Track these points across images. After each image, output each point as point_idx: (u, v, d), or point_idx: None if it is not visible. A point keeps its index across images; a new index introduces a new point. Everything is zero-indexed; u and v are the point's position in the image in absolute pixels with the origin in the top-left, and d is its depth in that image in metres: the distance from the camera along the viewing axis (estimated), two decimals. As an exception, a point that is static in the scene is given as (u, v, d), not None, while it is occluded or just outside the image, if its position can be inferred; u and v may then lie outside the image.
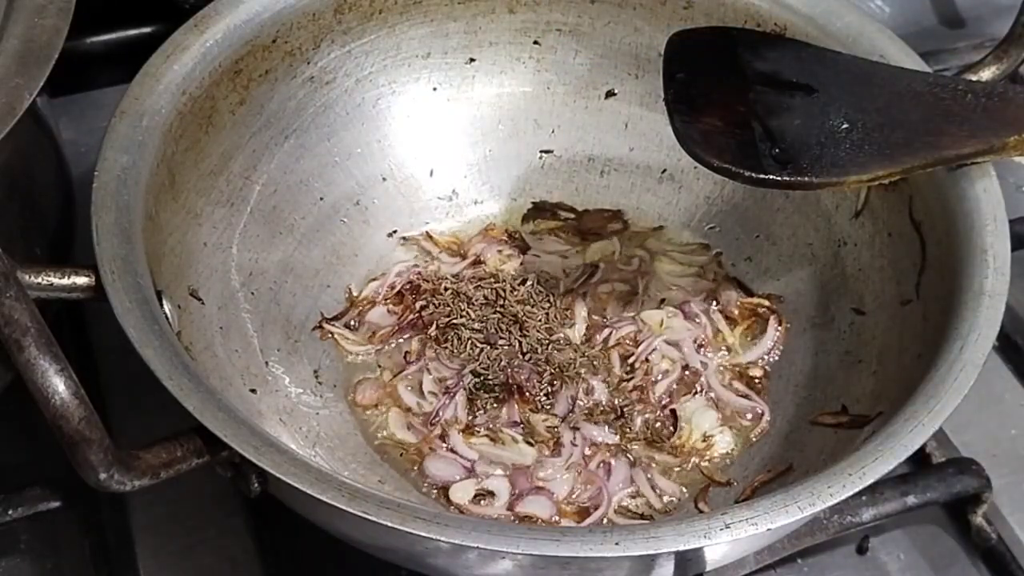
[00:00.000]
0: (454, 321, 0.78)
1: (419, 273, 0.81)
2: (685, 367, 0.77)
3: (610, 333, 0.79)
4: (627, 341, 0.78)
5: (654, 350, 0.78)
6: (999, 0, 1.03)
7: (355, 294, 0.80)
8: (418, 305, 0.79)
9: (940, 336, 0.64)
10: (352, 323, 0.79)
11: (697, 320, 0.80)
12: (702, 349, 0.79)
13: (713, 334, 0.79)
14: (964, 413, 0.61)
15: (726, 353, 0.79)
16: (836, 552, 0.74)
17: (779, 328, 0.79)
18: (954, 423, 0.71)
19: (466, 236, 0.84)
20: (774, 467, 0.71)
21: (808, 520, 0.64)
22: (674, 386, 0.77)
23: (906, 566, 0.74)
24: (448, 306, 0.79)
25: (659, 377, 0.77)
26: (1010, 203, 0.69)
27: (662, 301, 0.81)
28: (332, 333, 0.78)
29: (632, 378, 0.77)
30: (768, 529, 0.55)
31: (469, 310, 0.78)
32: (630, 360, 0.77)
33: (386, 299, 0.80)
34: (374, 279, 0.81)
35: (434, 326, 0.78)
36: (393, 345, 0.78)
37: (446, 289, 0.80)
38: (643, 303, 0.81)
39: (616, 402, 0.75)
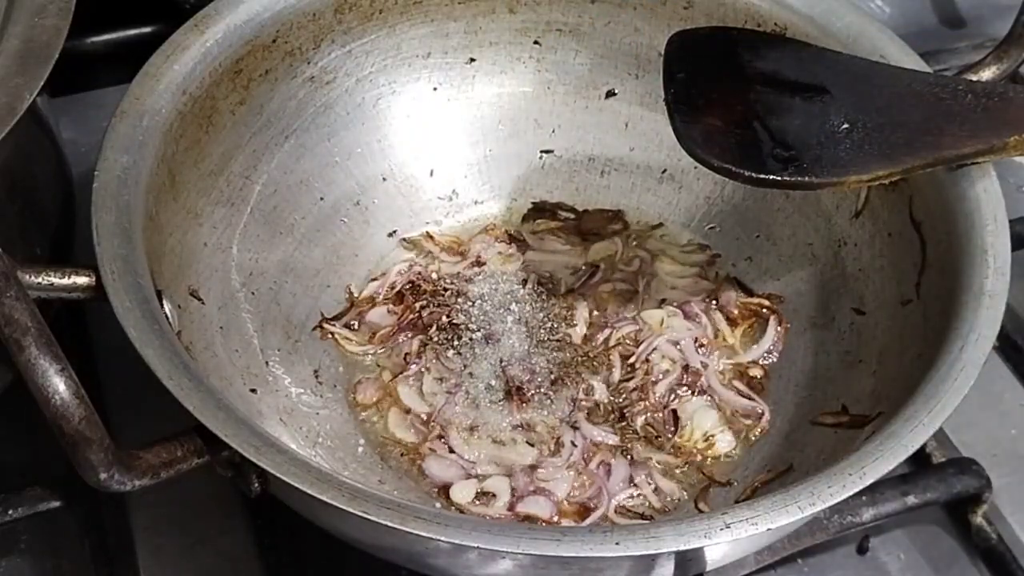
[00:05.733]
0: (454, 321, 0.78)
1: (419, 273, 0.81)
2: (685, 367, 0.77)
3: (611, 333, 0.79)
4: (627, 341, 0.79)
5: (654, 350, 0.78)
6: (999, 0, 1.03)
7: (355, 294, 0.80)
8: (418, 305, 0.79)
9: (940, 336, 0.64)
10: (352, 323, 0.79)
11: (697, 320, 0.80)
12: (702, 349, 0.79)
13: (713, 334, 0.79)
14: (964, 413, 0.61)
15: (726, 353, 0.79)
16: (836, 552, 0.74)
17: (779, 328, 0.79)
18: (954, 423, 0.71)
19: (466, 236, 0.84)
20: (774, 467, 0.71)
21: (808, 520, 0.64)
22: (674, 386, 0.77)
23: (906, 566, 0.74)
24: (448, 306, 0.79)
25: (659, 377, 0.77)
26: (1010, 203, 0.69)
27: (662, 301, 0.81)
28: (332, 333, 0.78)
29: (632, 378, 0.77)
30: (768, 529, 0.55)
31: (469, 310, 0.79)
32: (630, 360, 0.77)
33: (386, 299, 0.80)
34: (374, 279, 0.81)
35: (434, 326, 0.78)
36: (393, 345, 0.78)
37: (446, 289, 0.80)
38: (643, 303, 0.81)
39: (616, 402, 0.76)
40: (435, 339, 0.77)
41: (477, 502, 0.71)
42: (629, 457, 0.73)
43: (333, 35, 0.80)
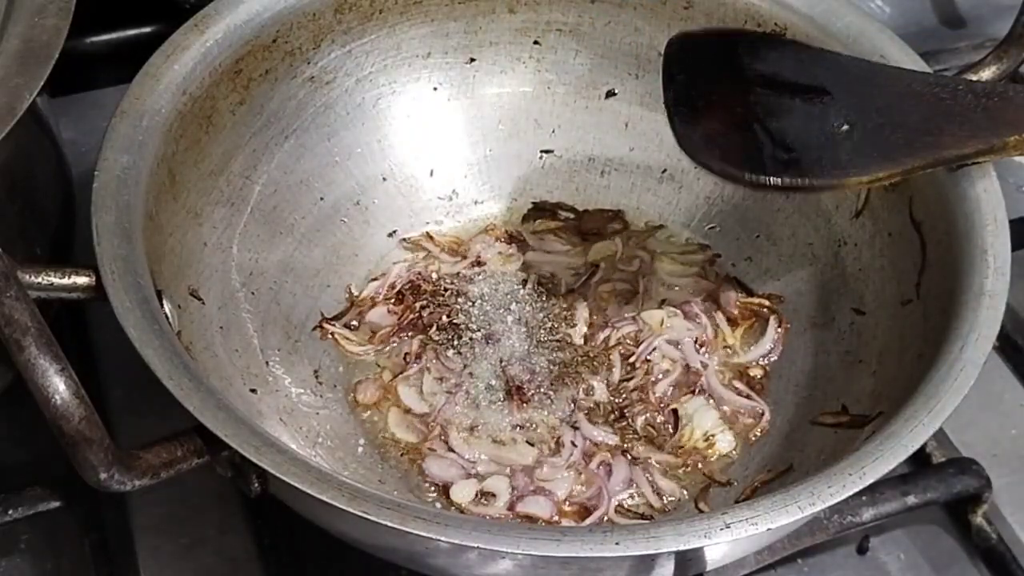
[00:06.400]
0: (454, 321, 0.78)
1: (419, 273, 0.81)
2: (685, 367, 0.77)
3: (611, 333, 0.79)
4: (628, 341, 0.79)
5: (654, 350, 0.78)
6: (999, 0, 1.03)
7: (355, 294, 0.80)
8: (418, 305, 0.79)
9: (940, 336, 0.64)
10: (352, 323, 0.79)
11: (697, 320, 0.80)
12: (702, 349, 0.79)
13: (713, 334, 0.79)
14: (964, 413, 0.61)
15: (726, 353, 0.79)
16: (836, 552, 0.74)
17: (779, 328, 0.79)
18: (954, 423, 0.71)
19: (466, 236, 0.84)
20: (774, 467, 0.71)
21: (808, 520, 0.64)
22: (674, 386, 0.77)
23: (906, 566, 0.74)
24: (448, 306, 0.79)
25: (659, 377, 0.77)
26: (1010, 203, 0.69)
27: (663, 301, 0.81)
28: (332, 333, 0.78)
29: (632, 378, 0.77)
30: (768, 529, 0.55)
31: (470, 310, 0.79)
32: (631, 360, 0.77)
33: (386, 299, 0.80)
34: (374, 279, 0.81)
35: (434, 326, 0.78)
36: (393, 345, 0.78)
37: (446, 289, 0.80)
38: (643, 303, 0.81)
39: (616, 402, 0.76)
40: (435, 339, 0.77)
41: (477, 502, 0.71)
42: (629, 457, 0.73)
43: (333, 35, 0.80)
